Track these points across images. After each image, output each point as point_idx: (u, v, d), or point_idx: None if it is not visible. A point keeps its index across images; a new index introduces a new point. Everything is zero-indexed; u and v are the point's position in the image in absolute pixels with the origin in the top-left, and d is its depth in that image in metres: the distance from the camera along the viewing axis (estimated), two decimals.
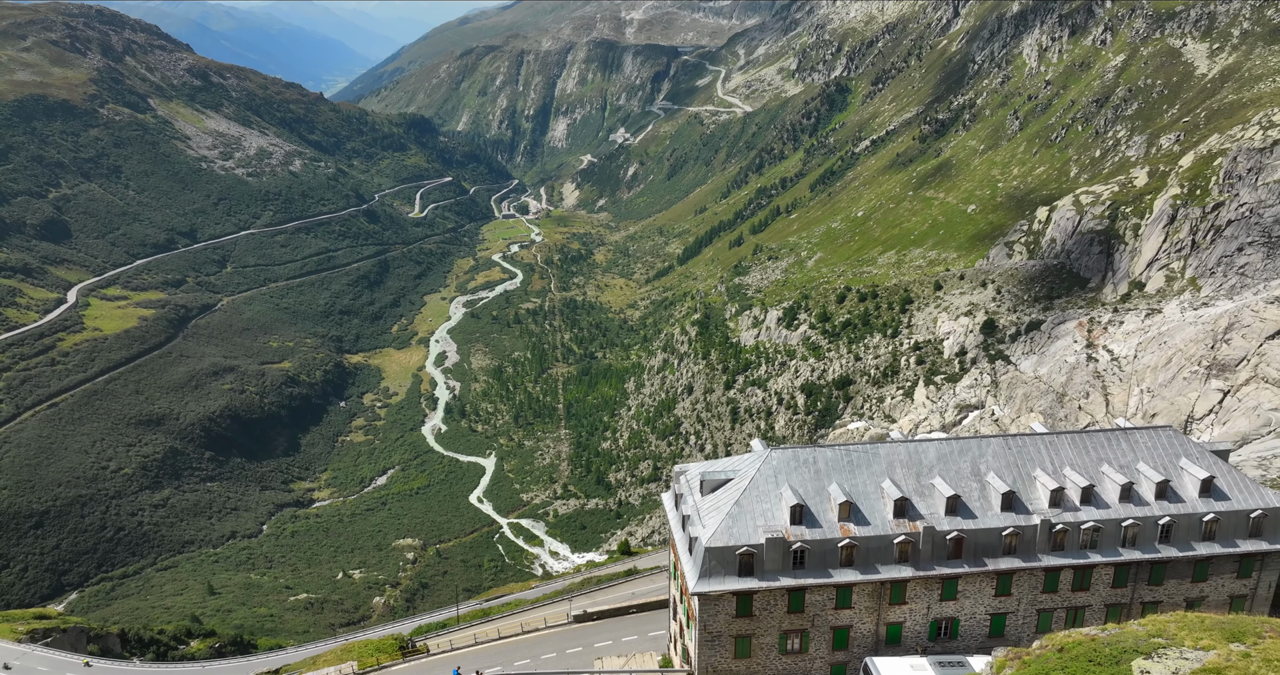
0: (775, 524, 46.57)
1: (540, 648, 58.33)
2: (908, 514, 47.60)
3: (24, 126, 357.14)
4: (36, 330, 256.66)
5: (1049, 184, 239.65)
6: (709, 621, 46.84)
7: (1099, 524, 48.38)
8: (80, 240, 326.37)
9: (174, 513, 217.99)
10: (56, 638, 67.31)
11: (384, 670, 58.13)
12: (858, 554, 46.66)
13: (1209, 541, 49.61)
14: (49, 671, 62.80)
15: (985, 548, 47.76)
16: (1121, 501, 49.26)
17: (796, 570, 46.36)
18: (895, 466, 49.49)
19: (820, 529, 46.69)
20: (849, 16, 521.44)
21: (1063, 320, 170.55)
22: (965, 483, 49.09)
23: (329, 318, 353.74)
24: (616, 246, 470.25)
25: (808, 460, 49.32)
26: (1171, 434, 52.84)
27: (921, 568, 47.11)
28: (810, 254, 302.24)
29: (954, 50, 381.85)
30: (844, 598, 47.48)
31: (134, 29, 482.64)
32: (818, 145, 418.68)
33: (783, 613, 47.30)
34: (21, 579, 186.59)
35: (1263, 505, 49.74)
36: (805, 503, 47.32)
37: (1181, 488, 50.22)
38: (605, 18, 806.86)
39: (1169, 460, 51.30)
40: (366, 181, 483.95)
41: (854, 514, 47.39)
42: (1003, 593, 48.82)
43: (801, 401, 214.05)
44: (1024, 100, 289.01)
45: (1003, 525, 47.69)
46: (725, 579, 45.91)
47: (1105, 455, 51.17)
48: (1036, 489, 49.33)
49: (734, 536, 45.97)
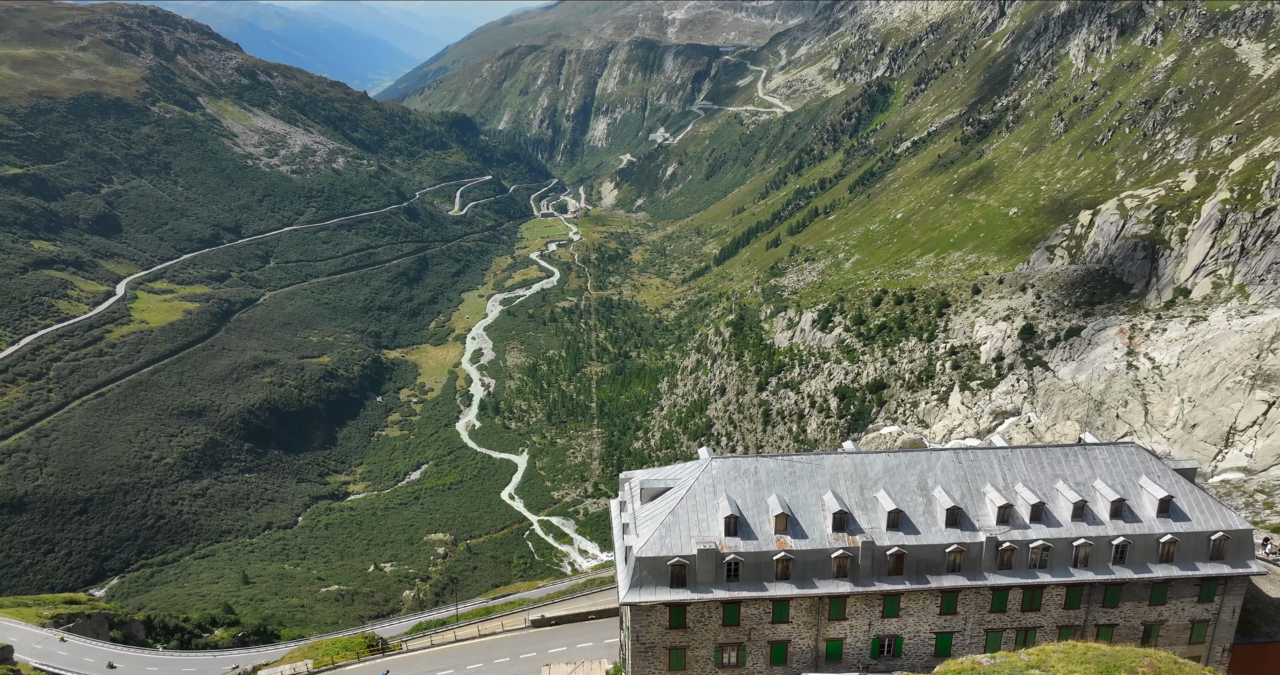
0: (709, 535, 45.60)
1: (495, 652, 58.09)
2: (847, 528, 46.23)
3: (79, 124, 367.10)
4: (86, 322, 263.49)
5: (1093, 187, 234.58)
6: (641, 632, 46.03)
7: (1048, 543, 46.50)
8: (130, 235, 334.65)
9: (212, 502, 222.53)
10: (79, 623, 69.22)
11: (338, 669, 58.00)
12: (794, 568, 45.47)
13: (1166, 563, 47.34)
14: (68, 656, 64.65)
15: (928, 564, 46.22)
16: (1074, 520, 47.30)
17: (730, 583, 45.30)
18: (839, 479, 48.10)
19: (756, 541, 45.60)
20: (893, 16, 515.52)
21: (1104, 327, 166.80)
22: (911, 497, 47.65)
23: (368, 313, 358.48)
24: (654, 246, 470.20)
25: (749, 470, 48.15)
26: (1133, 451, 50.70)
27: (861, 583, 45.72)
28: (848, 256, 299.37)
29: (999, 50, 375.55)
30: (781, 612, 46.23)
31: (186, 29, 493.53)
32: (858, 146, 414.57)
33: (718, 625, 46.23)
34: (66, 563, 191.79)
35: (1224, 527, 47.43)
36: (742, 514, 46.25)
37: (1139, 507, 48.07)
38: (647, 17, 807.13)
39: (1128, 478, 49.22)
40: (408, 179, 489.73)
41: (791, 527, 46.17)
42: (948, 611, 47.10)
43: (834, 405, 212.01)
44: (1069, 101, 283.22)
45: (946, 542, 46.09)
46: (657, 589, 44.98)
47: (1061, 472, 49.25)
48: (985, 505, 47.55)
49: (666, 547, 45.10)
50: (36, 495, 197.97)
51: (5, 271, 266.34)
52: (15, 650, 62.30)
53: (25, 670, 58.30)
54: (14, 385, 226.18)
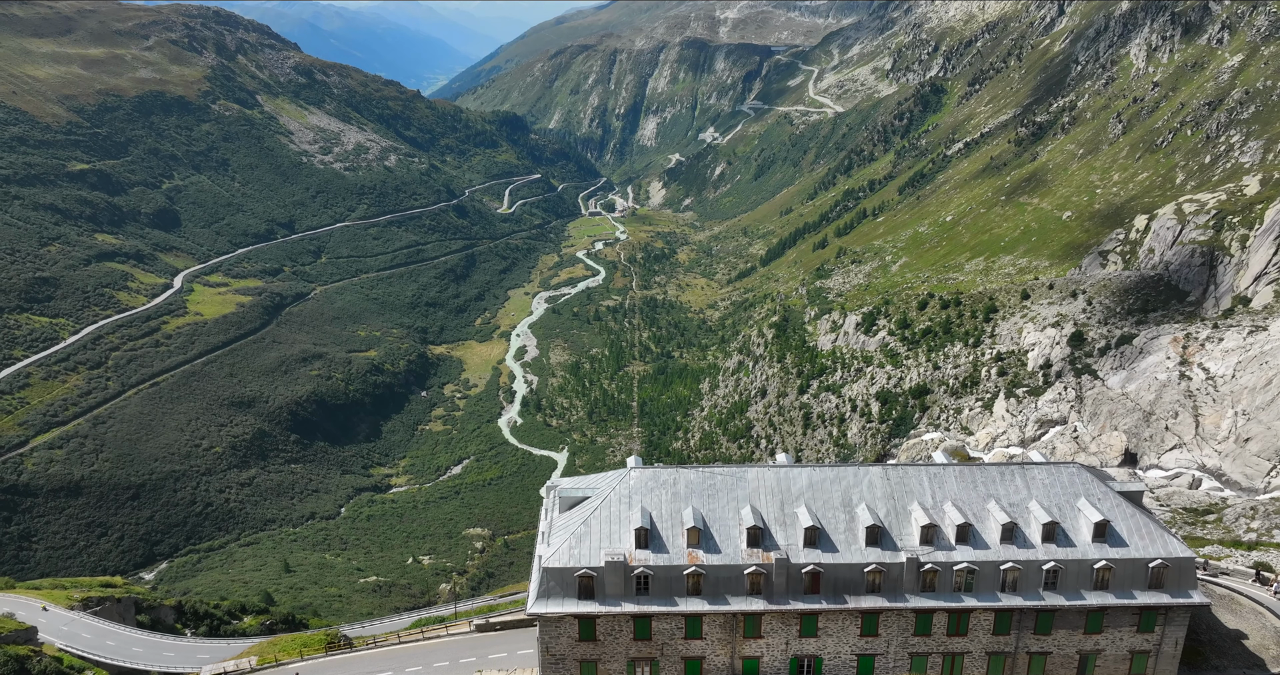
0: (619, 547, 44.60)
1: (437, 656, 57.97)
2: (763, 544, 44.85)
3: (143, 121, 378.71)
4: (144, 313, 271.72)
5: (1151, 191, 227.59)
6: (551, 644, 45.34)
7: (974, 565, 44.53)
8: (188, 229, 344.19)
9: (258, 492, 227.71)
10: (107, 606, 71.44)
11: (280, 667, 58.53)
12: (705, 583, 44.34)
13: (1102, 591, 45.06)
14: (91, 638, 66.79)
15: (846, 584, 44.67)
16: (1003, 542, 45.21)
17: (640, 596, 44.32)
18: (761, 493, 46.60)
19: (667, 554, 44.57)
20: (948, 15, 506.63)
21: (1157, 335, 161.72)
22: (832, 514, 46.09)
23: (415, 309, 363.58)
24: (700, 246, 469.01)
25: (667, 481, 47.01)
26: (1075, 471, 48.43)
27: (775, 601, 44.41)
28: (895, 258, 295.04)
29: (1056, 50, 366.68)
30: (694, 628, 45.09)
31: (246, 29, 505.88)
32: (909, 147, 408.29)
33: (629, 639, 45.21)
34: (118, 546, 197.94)
35: (1164, 554, 45.03)
36: (655, 526, 45.25)
37: (1075, 531, 45.84)
38: (699, 17, 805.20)
39: (1065, 500, 46.87)
40: (458, 177, 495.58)
41: (705, 541, 44.93)
42: (869, 633, 45.59)
43: (876, 409, 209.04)
44: (1128, 103, 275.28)
45: (866, 561, 44.55)
46: (565, 601, 44.25)
47: (995, 491, 47.15)
48: (910, 524, 45.79)
49: (575, 558, 44.31)
50: (92, 480, 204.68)
51: (70, 263, 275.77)
52: (42, 631, 64.89)
53: (49, 650, 60.59)
54: (74, 373, 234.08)
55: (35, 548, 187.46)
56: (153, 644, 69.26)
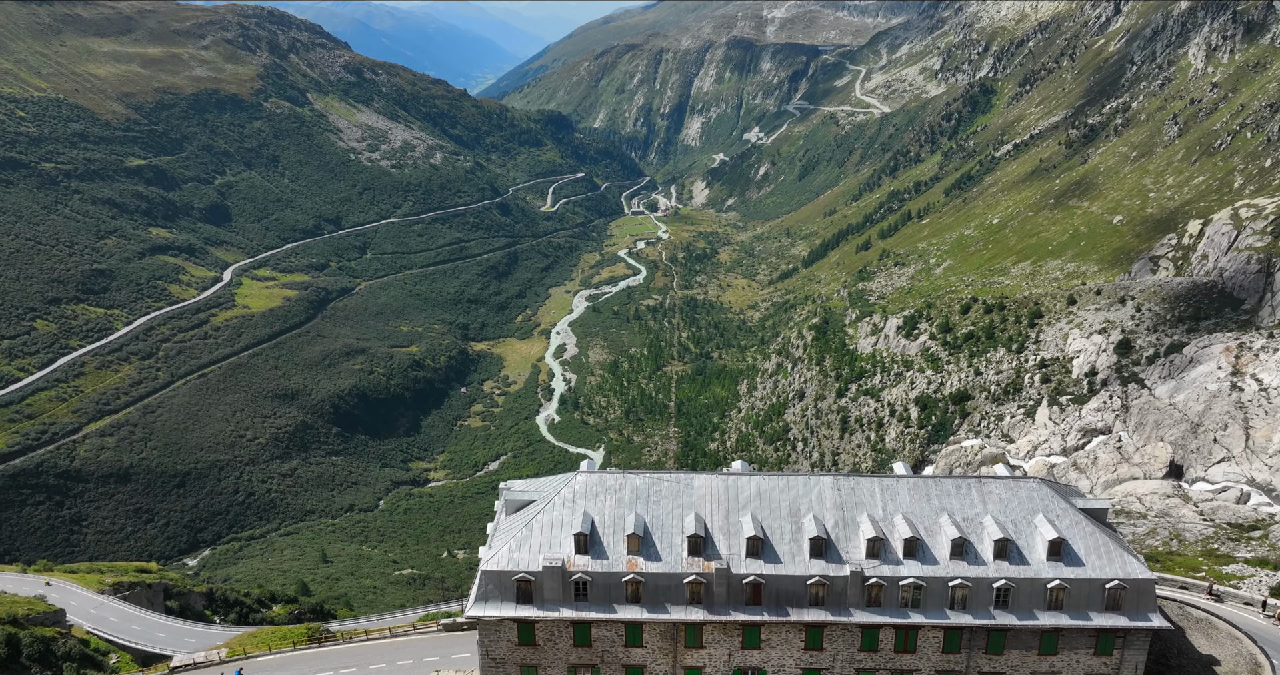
0: (559, 552, 44.01)
1: (402, 654, 58.00)
2: (704, 552, 43.84)
3: (198, 118, 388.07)
4: (194, 305, 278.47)
5: (1207, 196, 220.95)
6: (490, 647, 44.94)
7: (921, 581, 43.06)
8: (239, 224, 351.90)
9: (299, 482, 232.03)
10: (136, 591, 73.36)
11: (250, 659, 59.04)
12: (644, 591, 43.47)
13: (1055, 611, 43.28)
14: (118, 622, 68.60)
15: (789, 596, 43.45)
16: (953, 558, 43.58)
17: (579, 602, 43.65)
18: (707, 500, 45.55)
19: (606, 561, 43.78)
20: (999, 14, 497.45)
21: (1208, 344, 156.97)
22: (778, 524, 44.81)
23: (457, 306, 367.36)
24: (742, 247, 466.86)
25: (613, 487, 46.22)
26: (1035, 486, 46.48)
27: (716, 612, 43.43)
28: (939, 261, 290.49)
29: (1111, 50, 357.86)
30: (634, 635, 44.33)
31: (299, 28, 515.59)
32: (956, 149, 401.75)
33: (569, 645, 44.72)
34: (164, 533, 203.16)
35: (1121, 576, 42.98)
36: (597, 532, 44.46)
37: (1029, 548, 44.02)
38: (746, 16, 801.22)
39: (1022, 516, 44.95)
40: (502, 175, 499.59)
41: (645, 548, 43.99)
42: (813, 646, 44.40)
43: (915, 414, 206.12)
44: (1185, 104, 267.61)
45: (809, 573, 43.27)
46: (503, 605, 43.80)
47: (949, 505, 45.44)
48: (858, 537, 44.30)
49: (514, 561, 43.82)
50: (141, 467, 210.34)
51: (125, 256, 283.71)
52: (72, 614, 66.91)
53: (79, 633, 62.43)
54: (126, 363, 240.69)
55: (85, 532, 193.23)
56: (176, 629, 70.94)
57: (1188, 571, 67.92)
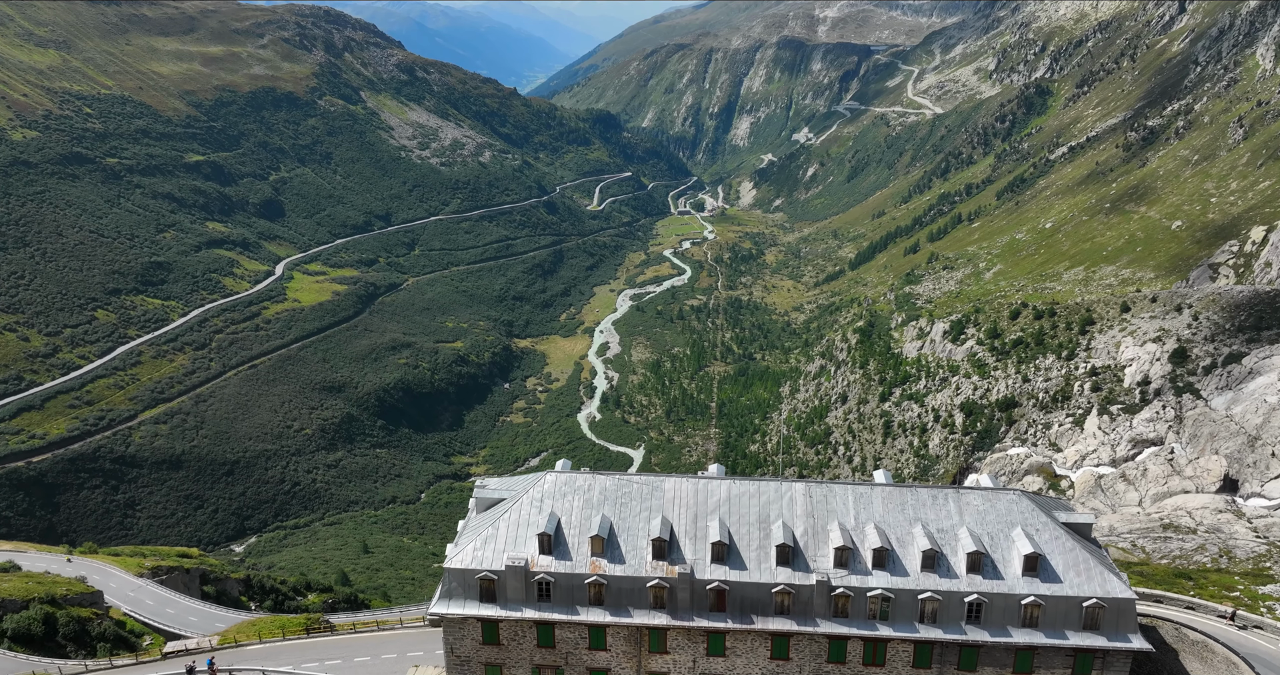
0: (523, 552, 43.95)
1: (388, 647, 57.92)
2: (669, 556, 43.37)
3: (255, 115, 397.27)
4: (246, 298, 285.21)
5: (1273, 201, 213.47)
6: (455, 645, 45.03)
7: (889, 593, 42.01)
8: (292, 219, 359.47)
9: (344, 474, 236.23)
10: (173, 576, 75.44)
11: (238, 648, 59.44)
12: (607, 593, 43.21)
13: (1030, 629, 41.83)
14: (154, 605, 70.61)
15: (754, 603, 42.72)
16: (924, 570, 42.38)
17: (541, 603, 43.62)
18: (675, 504, 45.12)
19: (570, 562, 43.63)
20: (1057, 14, 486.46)
21: (1270, 355, 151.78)
22: (747, 529, 44.09)
23: (502, 302, 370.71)
24: (788, 248, 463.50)
25: (582, 488, 46.06)
26: (1014, 498, 44.83)
27: (679, 617, 42.95)
28: (989, 265, 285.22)
29: (1174, 51, 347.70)
30: (597, 638, 44.07)
31: (354, 28, 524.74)
32: (1009, 151, 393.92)
33: (533, 646, 44.70)
34: (212, 519, 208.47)
35: (1100, 594, 41.32)
36: (563, 532, 44.32)
37: (1005, 563, 42.59)
38: (798, 16, 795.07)
39: (999, 529, 43.50)
40: (549, 174, 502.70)
41: (610, 550, 43.68)
42: (779, 656, 43.59)
43: (960, 420, 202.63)
44: (1252, 106, 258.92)
45: (774, 581, 42.41)
46: (466, 603, 43.87)
47: (923, 515, 44.19)
48: (827, 546, 43.32)
49: (478, 560, 43.81)
50: (192, 455, 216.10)
51: (183, 249, 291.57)
52: (111, 596, 69.01)
53: (116, 614, 64.39)
54: (181, 353, 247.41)
55: (139, 516, 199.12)
56: (208, 614, 72.81)
57: (1221, 590, 65.69)
